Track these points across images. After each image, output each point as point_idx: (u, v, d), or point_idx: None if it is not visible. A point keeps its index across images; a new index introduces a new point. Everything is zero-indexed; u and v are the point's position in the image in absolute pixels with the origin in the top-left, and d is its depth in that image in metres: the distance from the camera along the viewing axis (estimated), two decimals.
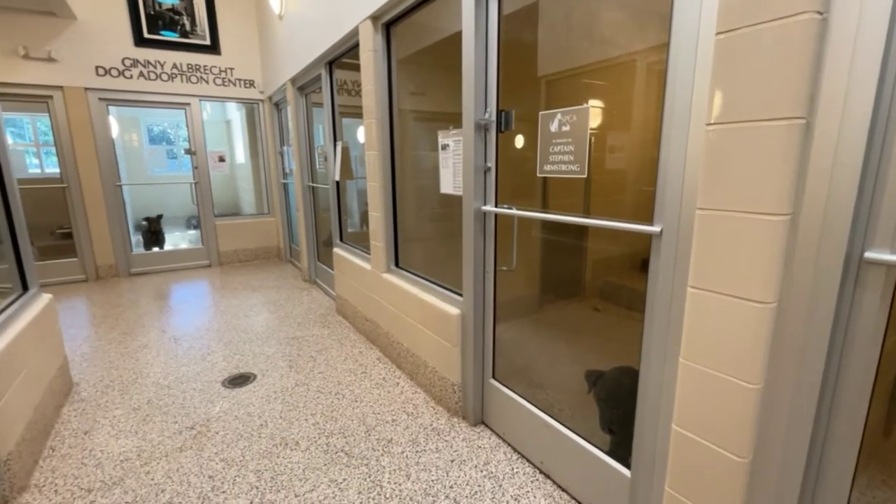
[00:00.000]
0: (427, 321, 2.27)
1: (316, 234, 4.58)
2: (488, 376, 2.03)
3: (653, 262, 1.23)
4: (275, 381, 2.54)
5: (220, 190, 6.24)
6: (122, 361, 2.82)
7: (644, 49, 1.87)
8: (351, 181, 3.70)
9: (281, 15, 4.20)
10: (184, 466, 1.82)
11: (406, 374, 2.58)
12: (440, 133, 2.10)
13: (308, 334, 3.23)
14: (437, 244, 3.05)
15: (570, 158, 1.44)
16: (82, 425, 2.12)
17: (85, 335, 3.27)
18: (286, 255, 5.78)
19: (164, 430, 2.08)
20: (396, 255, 2.74)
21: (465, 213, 1.93)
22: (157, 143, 8.30)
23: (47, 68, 4.37)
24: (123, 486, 1.72)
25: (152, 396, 2.39)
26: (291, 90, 4.25)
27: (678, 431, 1.12)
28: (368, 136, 2.69)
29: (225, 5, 5.08)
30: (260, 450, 1.92)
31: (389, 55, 2.52)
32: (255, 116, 5.80)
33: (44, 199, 4.83)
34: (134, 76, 4.75)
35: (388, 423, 2.11)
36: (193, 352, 2.95)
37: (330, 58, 3.32)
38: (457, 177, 2.00)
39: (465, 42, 1.77)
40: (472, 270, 1.92)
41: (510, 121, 1.76)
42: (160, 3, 4.78)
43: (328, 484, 1.71)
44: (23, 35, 4.22)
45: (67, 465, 1.84)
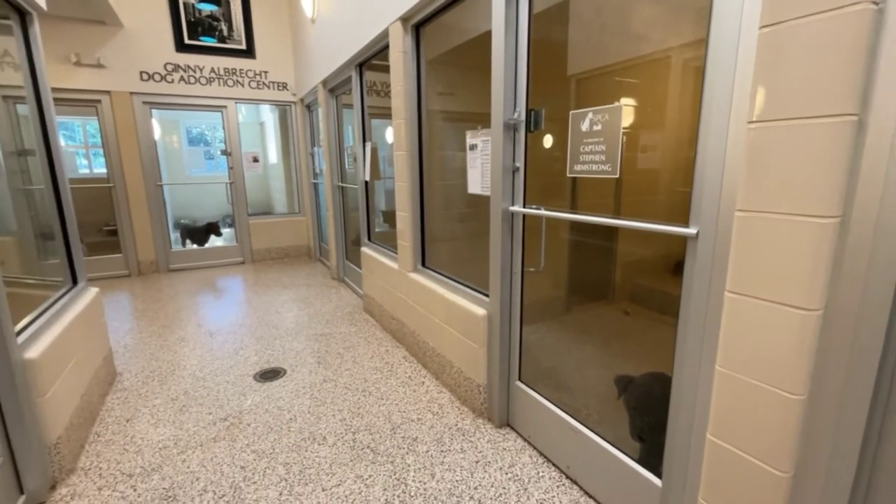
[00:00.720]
0: (453, 321, 2.27)
1: (345, 233, 4.66)
2: (514, 378, 2.01)
3: (688, 265, 1.19)
4: (304, 376, 2.60)
5: (254, 190, 6.44)
6: (161, 353, 2.95)
7: (679, 45, 1.81)
8: (378, 181, 3.74)
9: (313, 19, 4.29)
10: (217, 456, 1.89)
11: (432, 373, 2.59)
12: (468, 133, 2.09)
13: (336, 331, 3.29)
14: (464, 244, 3.05)
15: (602, 158, 1.41)
16: (124, 413, 2.23)
17: (128, 327, 3.44)
18: (316, 253, 5.90)
19: (199, 420, 2.16)
20: (423, 254, 2.75)
21: (492, 214, 1.92)
22: (196, 144, 8.64)
23: (96, 74, 4.62)
24: (161, 472, 1.80)
25: (189, 388, 2.48)
26: (322, 92, 4.34)
27: (713, 442, 1.08)
28: (397, 136, 2.72)
29: (260, 11, 5.24)
30: (289, 443, 1.97)
31: (418, 56, 2.54)
32: (287, 118, 5.96)
33: (92, 197, 5.10)
34: (175, 80, 4.96)
35: (413, 422, 2.12)
36: (227, 346, 3.06)
37: (360, 60, 3.37)
38: (485, 177, 2.00)
39: (495, 41, 1.76)
40: (499, 271, 1.91)
41: (540, 120, 1.74)
42: (200, 10, 4.97)
43: (354, 479, 1.74)
44: (75, 43, 4.48)
45: (111, 450, 1.94)
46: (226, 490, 1.69)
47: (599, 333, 2.51)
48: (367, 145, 3.38)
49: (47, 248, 2.42)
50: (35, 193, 2.42)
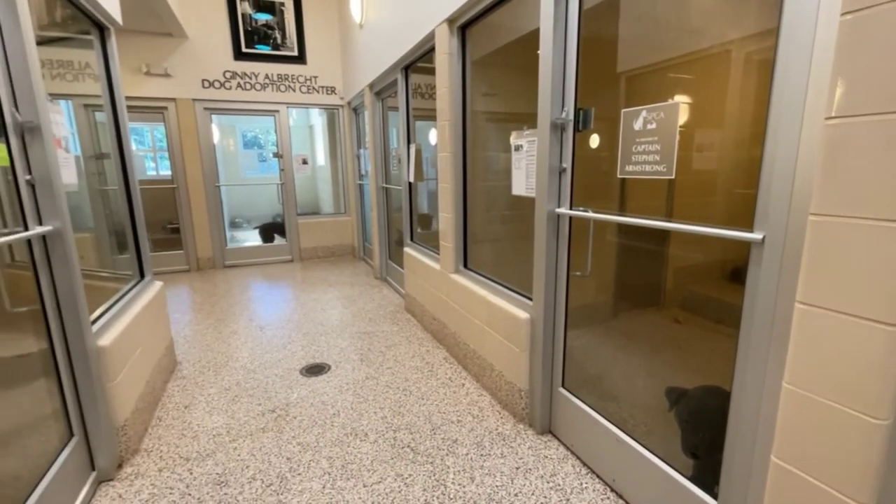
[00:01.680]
0: (495, 324, 2.25)
1: (388, 233, 4.74)
2: (557, 384, 1.96)
3: (751, 272, 1.10)
4: (347, 372, 2.66)
5: (303, 190, 6.68)
6: (216, 345, 3.12)
7: (742, 37, 1.70)
8: (421, 182, 3.77)
9: (361, 24, 4.40)
10: (265, 446, 1.97)
11: (472, 375, 2.58)
12: (513, 134, 2.07)
13: (378, 330, 3.35)
14: (507, 246, 3.01)
15: (656, 158, 1.35)
16: (183, 400, 2.38)
17: (187, 319, 3.67)
18: (360, 252, 6.05)
19: (249, 410, 2.27)
20: (465, 256, 2.74)
21: (537, 216, 1.88)
22: (250, 147, 9.10)
23: (163, 83, 4.97)
24: (214, 458, 1.89)
25: (240, 379, 2.61)
26: (369, 95, 4.44)
27: (778, 464, 0.99)
28: (441, 138, 2.73)
29: (311, 18, 5.43)
30: (332, 437, 2.02)
31: (464, 57, 2.54)
32: (335, 121, 6.15)
33: (158, 197, 5.49)
34: (232, 87, 5.24)
35: (453, 424, 2.11)
36: (276, 340, 3.19)
37: (406, 63, 3.41)
38: (529, 178, 1.96)
39: (543, 39, 1.73)
40: (543, 274, 1.87)
41: (589, 119, 1.68)
42: (256, 19, 5.22)
43: (394, 478, 1.76)
44: (145, 54, 4.84)
45: (170, 434, 2.07)
46: (273, 479, 1.76)
47: (648, 341, 2.40)
48: (412, 147, 3.42)
49: (119, 244, 2.62)
50: (109, 194, 2.63)
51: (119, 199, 2.51)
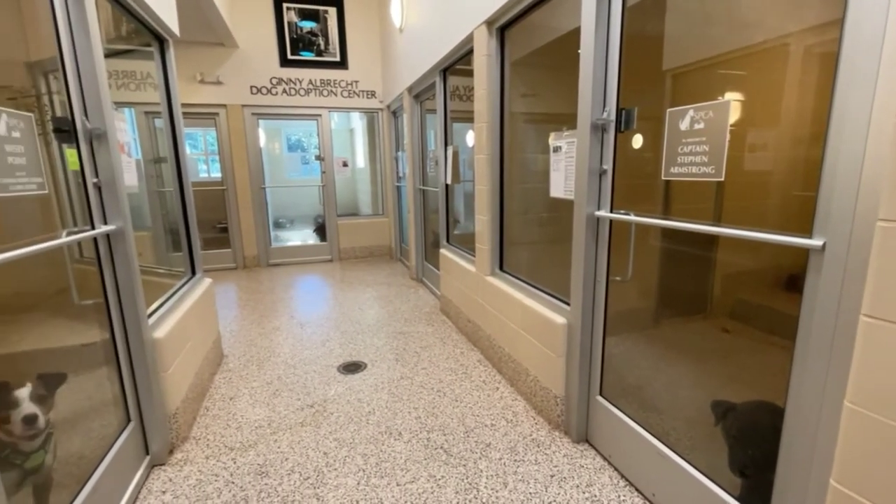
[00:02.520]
0: (530, 328, 2.22)
1: (424, 234, 4.78)
2: (595, 392, 1.91)
3: (810, 282, 1.03)
4: (383, 371, 2.71)
5: (342, 192, 6.86)
6: (259, 340, 3.26)
7: (800, 30, 1.59)
8: (458, 184, 3.78)
9: (401, 28, 4.47)
10: (304, 440, 2.03)
11: (506, 379, 2.56)
12: (552, 135, 2.03)
13: (414, 330, 3.39)
14: (543, 249, 2.96)
15: (704, 160, 1.28)
16: (229, 392, 2.49)
17: (233, 315, 3.85)
18: (396, 253, 6.13)
19: (289, 404, 2.35)
20: (501, 258, 2.72)
21: (576, 219, 1.84)
22: (294, 150, 9.45)
23: (216, 90, 5.25)
24: (256, 449, 1.97)
25: (281, 374, 2.71)
26: (408, 98, 4.50)
27: (838, 489, 0.92)
28: (478, 139, 2.72)
29: (353, 24, 5.57)
30: (367, 435, 2.06)
31: (502, 59, 2.52)
32: (374, 124, 6.27)
33: (209, 198, 5.79)
34: (278, 93, 5.46)
35: (486, 427, 2.10)
36: (315, 337, 3.28)
37: (444, 65, 3.43)
38: (568, 180, 1.92)
39: (584, 38, 1.69)
40: (581, 279, 1.83)
41: (631, 120, 1.63)
42: (301, 27, 5.42)
43: (427, 478, 1.77)
44: (200, 63, 5.13)
45: (216, 424, 2.18)
46: (310, 473, 1.81)
47: (692, 351, 2.29)
48: (449, 149, 3.43)
49: (172, 242, 2.79)
50: (165, 195, 2.81)
51: (174, 200, 2.67)
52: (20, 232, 1.42)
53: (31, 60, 1.64)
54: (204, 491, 1.72)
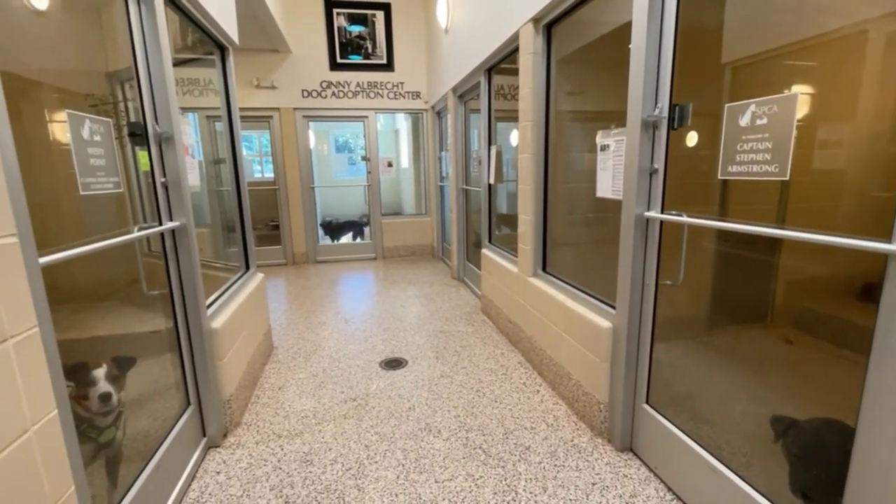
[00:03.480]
0: (573, 331, 2.16)
1: (466, 234, 4.79)
2: (641, 400, 1.84)
3: (888, 291, 0.94)
4: (423, 369, 2.74)
5: (387, 192, 7.00)
6: (306, 334, 3.39)
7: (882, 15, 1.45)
8: (501, 184, 3.75)
9: (447, 29, 4.50)
10: (346, 432, 2.10)
11: (547, 382, 2.51)
12: (600, 133, 1.97)
13: (454, 329, 3.40)
14: (588, 251, 2.89)
15: (766, 157, 1.20)
16: (277, 382, 2.62)
17: (283, 309, 4.03)
18: (438, 253, 6.18)
19: (333, 397, 2.43)
20: (544, 259, 2.68)
21: (624, 220, 1.78)
22: (341, 151, 9.74)
23: (270, 94, 5.51)
24: (302, 438, 2.06)
25: (326, 367, 2.81)
26: (452, 98, 4.52)
27: None
28: (522, 138, 2.70)
29: (400, 27, 5.68)
30: (407, 430, 2.09)
31: (549, 56, 2.48)
32: (419, 125, 6.36)
33: (262, 197, 6.10)
34: (328, 96, 5.66)
35: (526, 430, 2.08)
36: (359, 333, 3.37)
37: (489, 65, 3.42)
38: (616, 180, 1.86)
39: (636, 32, 1.63)
40: (628, 282, 1.76)
41: (686, 116, 1.56)
42: (350, 31, 5.58)
43: (465, 477, 1.77)
44: (256, 69, 5.40)
45: (266, 412, 2.29)
46: (352, 464, 1.87)
47: (750, 362, 2.15)
48: (493, 148, 3.42)
49: (228, 238, 2.96)
50: (223, 194, 2.98)
51: (231, 198, 2.83)
52: (99, 227, 1.56)
53: (110, 71, 1.80)
54: (254, 474, 1.81)
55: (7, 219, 0.84)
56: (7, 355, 0.81)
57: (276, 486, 1.74)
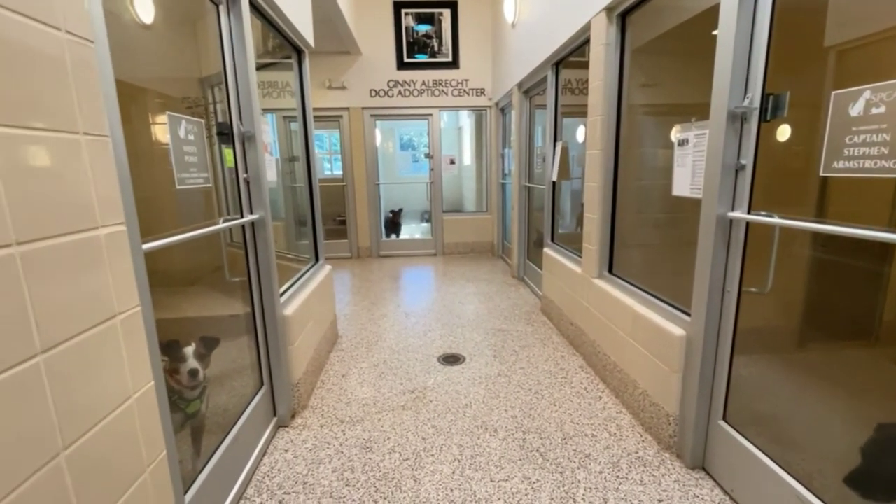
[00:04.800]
0: (641, 338, 2.05)
1: (527, 232, 4.70)
2: (717, 416, 1.69)
3: None
4: (480, 366, 2.73)
5: (448, 189, 7.06)
6: (369, 325, 3.51)
7: None
8: (565, 181, 3.63)
9: (513, 23, 4.43)
10: (404, 423, 2.14)
11: (611, 389, 2.40)
12: (677, 127, 1.84)
13: (513, 328, 3.35)
14: (659, 253, 2.71)
15: (883, 152, 1.05)
16: (341, 370, 2.74)
17: (347, 300, 4.21)
18: (498, 251, 6.13)
19: (392, 388, 2.49)
20: (611, 260, 2.56)
21: (703, 220, 1.64)
22: (405, 149, 9.97)
23: (341, 95, 5.76)
24: (363, 425, 2.14)
25: (386, 358, 2.89)
26: (517, 94, 4.45)
27: None
28: (591, 134, 2.59)
29: (466, 24, 5.68)
30: (463, 427, 2.10)
31: (622, 47, 2.36)
32: (482, 122, 6.33)
33: (331, 193, 6.40)
34: (394, 95, 5.80)
35: (586, 437, 2.00)
36: (418, 327, 3.44)
37: (557, 58, 3.32)
38: (696, 177, 1.72)
39: (724, 14, 1.49)
40: (706, 288, 1.63)
41: (781, 106, 1.40)
42: (417, 31, 5.68)
43: (521, 479, 1.74)
44: (328, 71, 5.67)
45: (330, 397, 2.40)
46: (409, 454, 1.91)
47: (849, 383, 1.90)
48: (558, 145, 3.32)
49: (299, 232, 3.13)
50: (296, 190, 3.16)
51: (303, 194, 2.99)
52: (189, 218, 1.72)
53: (202, 76, 1.97)
54: (318, 456, 1.91)
55: (118, 209, 0.94)
56: (115, 330, 0.92)
57: (337, 469, 1.82)
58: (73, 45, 0.83)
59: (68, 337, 0.79)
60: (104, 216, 0.90)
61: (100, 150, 0.89)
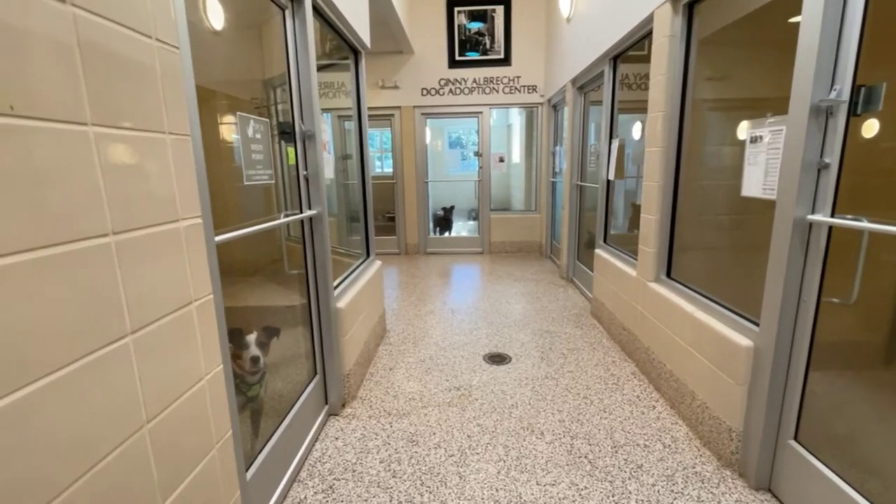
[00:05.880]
0: (702, 346, 1.93)
1: (578, 233, 4.58)
2: (787, 435, 1.57)
3: None
4: (527, 367, 2.69)
5: (496, 187, 7.01)
6: (415, 321, 3.57)
7: None
8: (620, 180, 3.50)
9: (569, 18, 4.31)
10: (450, 419, 2.16)
11: (665, 399, 2.29)
12: (749, 123, 1.72)
13: (560, 330, 3.28)
14: (723, 257, 2.54)
15: None
16: (389, 363, 2.80)
17: (395, 296, 4.29)
18: (546, 251, 6.01)
19: (438, 383, 2.52)
20: (669, 264, 2.43)
21: (777, 223, 1.52)
22: (454, 147, 10.01)
23: (393, 94, 5.87)
24: (409, 419, 2.17)
25: (433, 354, 2.92)
26: (571, 90, 4.33)
27: None
28: (651, 131, 2.47)
29: (519, 20, 5.60)
30: (509, 427, 2.08)
31: (688, 39, 2.23)
32: (533, 119, 6.23)
33: (380, 190, 6.54)
34: (445, 93, 5.84)
35: (638, 447, 1.92)
36: (464, 325, 3.45)
37: (616, 52, 3.20)
38: (769, 176, 1.60)
39: None
40: (779, 296, 1.51)
41: (875, 100, 1.27)
42: (469, 28, 5.67)
43: (569, 485, 1.70)
44: (381, 71, 5.79)
45: (378, 389, 2.47)
46: (454, 451, 1.92)
47: None
48: (614, 142, 3.20)
49: (351, 227, 3.23)
50: (348, 187, 3.26)
51: (354, 191, 3.08)
52: (252, 213, 1.82)
53: (264, 78, 2.08)
54: (366, 445, 1.97)
55: (195, 203, 1.01)
56: (191, 315, 0.99)
57: (384, 460, 1.87)
58: (162, 52, 0.90)
59: (153, 320, 0.86)
60: (184, 209, 0.97)
61: (182, 148, 0.96)
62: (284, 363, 2.01)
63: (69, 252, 0.68)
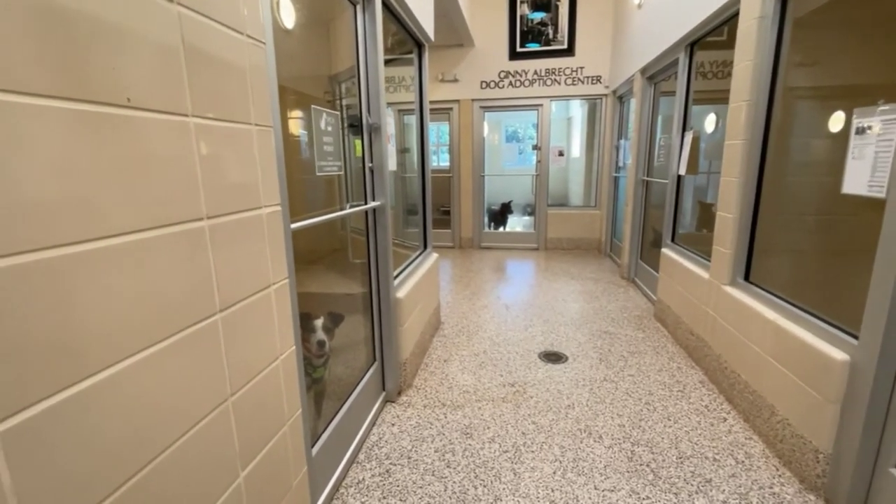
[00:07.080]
0: (785, 358, 1.77)
1: (642, 230, 4.35)
2: (888, 462, 1.40)
3: None
4: (584, 368, 2.61)
5: (554, 182, 6.83)
6: (470, 314, 3.57)
7: None
8: (693, 176, 3.27)
9: (640, 3, 4.08)
10: (504, 415, 2.14)
11: (738, 411, 2.13)
12: (857, 112, 1.53)
13: (621, 332, 3.15)
14: (811, 260, 2.31)
15: None
16: (443, 355, 2.82)
17: (449, 288, 4.32)
18: (606, 249, 5.78)
19: (492, 378, 2.50)
20: (748, 266, 2.25)
21: (888, 225, 1.35)
22: (511, 141, 9.87)
23: (452, 87, 5.87)
24: (463, 411, 2.18)
25: (487, 348, 2.91)
26: (640, 81, 4.11)
27: None
28: (733, 122, 2.28)
29: (585, 8, 5.38)
30: (565, 428, 2.03)
31: (782, 20, 2.03)
32: (595, 112, 5.98)
33: (436, 183, 6.58)
34: (504, 86, 5.75)
35: (707, 460, 1.80)
36: (518, 321, 3.40)
37: (693, 38, 2.98)
38: (878, 172, 1.42)
39: None
40: (886, 307, 1.34)
41: None
42: (531, 19, 5.53)
43: (629, 493, 1.63)
44: (441, 64, 5.81)
45: (433, 379, 2.50)
46: (508, 447, 1.90)
47: None
48: (688, 135, 3.00)
49: (408, 220, 3.28)
50: (406, 180, 3.31)
51: (412, 184, 3.12)
52: (317, 204, 1.89)
53: (331, 73, 2.14)
54: (421, 434, 2.00)
55: (276, 191, 1.07)
56: (269, 298, 1.05)
57: (439, 450, 1.89)
58: (251, 47, 0.95)
59: (238, 300, 0.92)
60: (266, 197, 1.02)
61: (265, 138, 1.01)
62: (345, 349, 2.09)
63: (172, 234, 0.74)
